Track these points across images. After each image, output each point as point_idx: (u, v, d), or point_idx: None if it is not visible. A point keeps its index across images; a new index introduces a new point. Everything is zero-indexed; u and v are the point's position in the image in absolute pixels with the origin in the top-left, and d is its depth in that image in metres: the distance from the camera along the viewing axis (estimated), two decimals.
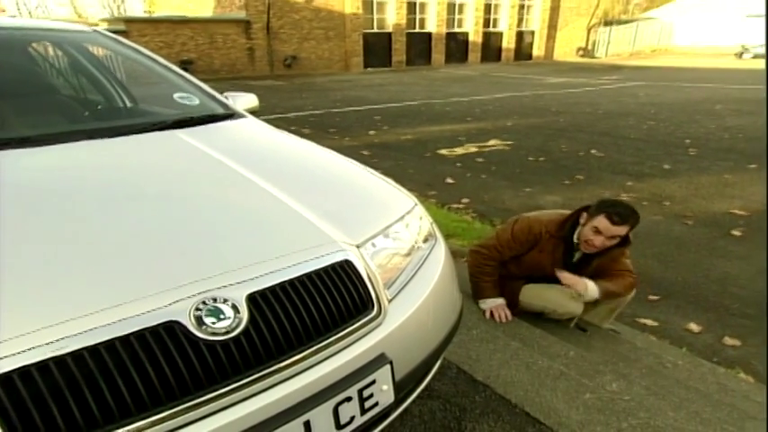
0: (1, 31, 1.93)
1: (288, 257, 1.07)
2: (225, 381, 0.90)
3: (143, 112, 2.00)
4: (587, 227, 2.24)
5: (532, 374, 1.93)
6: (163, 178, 1.36)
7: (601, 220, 2.18)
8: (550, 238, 2.35)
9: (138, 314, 0.87)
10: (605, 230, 2.17)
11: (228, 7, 19.90)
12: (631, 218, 2.18)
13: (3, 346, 0.78)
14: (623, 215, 2.17)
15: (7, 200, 1.14)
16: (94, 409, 0.80)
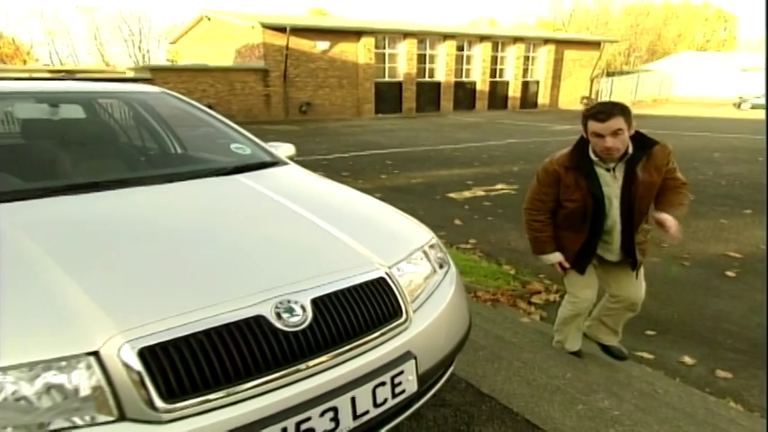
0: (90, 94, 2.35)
1: (339, 273, 1.41)
2: (296, 361, 1.23)
3: (208, 160, 2.38)
4: (591, 140, 2.29)
5: (532, 389, 2.20)
6: (236, 212, 1.73)
7: (591, 125, 2.23)
8: (567, 171, 2.38)
9: (236, 309, 1.22)
10: (602, 130, 2.20)
11: (248, 57, 20.89)
12: (615, 108, 2.22)
13: (151, 327, 1.12)
14: (606, 110, 2.20)
15: (125, 230, 1.50)
16: (208, 373, 1.13)
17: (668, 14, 47.49)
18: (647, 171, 2.33)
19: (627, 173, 2.35)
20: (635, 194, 2.35)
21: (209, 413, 1.11)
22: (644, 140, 2.35)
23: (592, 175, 2.37)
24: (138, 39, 39.76)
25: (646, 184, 2.34)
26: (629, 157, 2.32)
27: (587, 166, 2.37)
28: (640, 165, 2.32)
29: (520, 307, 3.44)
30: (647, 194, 2.37)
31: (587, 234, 2.48)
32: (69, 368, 1.08)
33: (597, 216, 2.42)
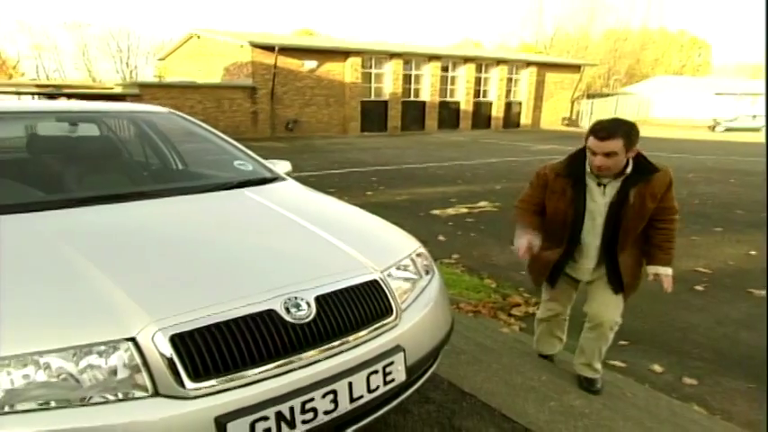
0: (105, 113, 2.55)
1: (338, 275, 1.61)
2: (302, 349, 1.42)
3: (216, 175, 2.58)
4: (587, 153, 2.28)
5: (509, 388, 2.41)
6: (245, 222, 1.93)
7: (590, 140, 2.21)
8: (556, 177, 2.39)
9: (251, 303, 1.41)
10: (596, 148, 2.18)
11: (236, 75, 21.13)
12: (620, 130, 2.16)
13: (180, 317, 1.31)
14: (608, 128, 2.17)
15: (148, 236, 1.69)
16: (228, 357, 1.32)
17: (645, 40, 49.03)
18: (642, 196, 2.28)
19: (619, 193, 2.31)
20: (623, 217, 2.31)
21: (228, 392, 1.30)
22: (645, 165, 2.29)
23: (579, 186, 2.37)
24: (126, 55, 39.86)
25: (636, 209, 2.29)
26: (624, 177, 2.29)
27: (579, 176, 2.36)
28: (636, 188, 2.27)
29: (500, 318, 3.60)
30: (636, 218, 2.31)
31: (565, 246, 2.48)
32: (110, 351, 1.26)
33: (575, 230, 2.42)
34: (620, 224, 2.34)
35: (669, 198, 2.34)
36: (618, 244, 2.38)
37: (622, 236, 2.36)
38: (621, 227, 2.34)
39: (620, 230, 2.35)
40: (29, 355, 1.21)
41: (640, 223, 2.35)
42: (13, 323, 1.27)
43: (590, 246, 2.45)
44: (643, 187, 2.28)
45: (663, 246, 2.37)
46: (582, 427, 2.14)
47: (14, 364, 1.20)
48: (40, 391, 1.21)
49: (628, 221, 2.32)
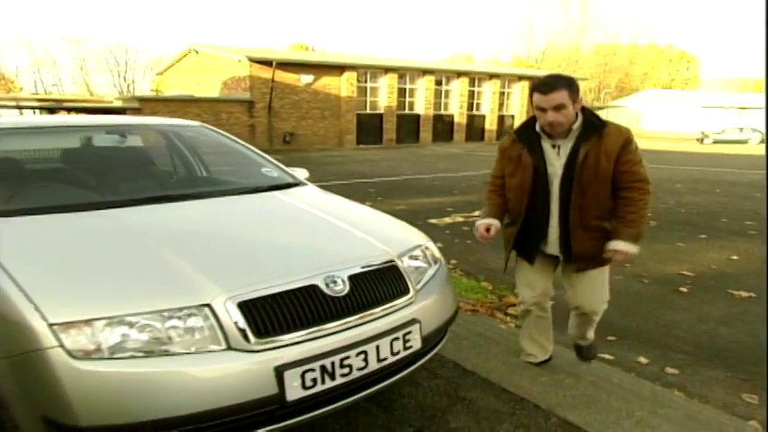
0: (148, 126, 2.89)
1: (363, 259, 1.96)
2: (339, 317, 1.75)
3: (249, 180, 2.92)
4: (535, 114, 2.26)
5: (506, 367, 2.73)
6: (280, 216, 2.28)
7: (535, 97, 2.19)
8: (513, 144, 2.39)
9: (298, 279, 1.74)
10: (544, 103, 2.15)
11: (234, 89, 21.52)
12: (561, 81, 2.17)
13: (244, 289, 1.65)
14: (549, 82, 2.16)
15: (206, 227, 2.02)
16: (282, 321, 1.64)
17: (634, 54, 50.09)
18: (596, 155, 2.21)
19: (572, 151, 2.26)
20: (577, 177, 2.24)
21: (283, 348, 1.62)
22: (593, 121, 2.26)
23: (535, 150, 2.32)
24: (124, 69, 40.29)
25: (591, 168, 2.22)
26: (576, 134, 2.25)
27: (532, 139, 2.32)
28: (587, 145, 2.22)
29: (497, 317, 3.88)
30: (593, 180, 2.24)
31: (524, 215, 2.42)
32: (190, 315, 1.58)
33: (535, 195, 2.36)
34: (573, 187, 2.26)
35: (629, 161, 2.24)
36: (571, 207, 2.30)
37: (578, 198, 2.27)
38: (575, 188, 2.26)
39: (574, 192, 2.26)
40: (127, 316, 1.54)
41: (599, 186, 2.26)
42: (115, 293, 1.60)
43: (553, 213, 2.38)
44: (596, 144, 2.22)
45: (625, 217, 2.26)
46: (570, 396, 2.46)
47: (117, 323, 1.52)
48: (136, 344, 1.53)
49: (583, 183, 2.24)
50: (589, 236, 2.34)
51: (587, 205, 2.29)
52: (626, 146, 2.24)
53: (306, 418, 1.70)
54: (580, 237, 2.34)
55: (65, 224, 2.07)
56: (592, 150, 2.22)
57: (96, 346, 1.49)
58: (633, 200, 2.26)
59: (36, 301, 1.53)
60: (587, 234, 2.34)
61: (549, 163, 2.33)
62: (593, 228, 2.33)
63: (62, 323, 1.49)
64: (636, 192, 2.27)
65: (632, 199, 2.26)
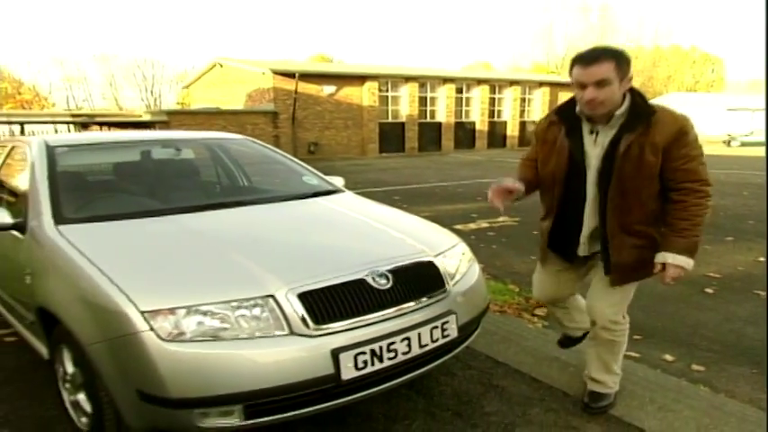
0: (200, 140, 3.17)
1: (405, 257, 2.17)
2: (384, 308, 1.97)
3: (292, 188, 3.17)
4: (575, 92, 1.96)
5: (536, 359, 2.90)
6: (326, 219, 2.52)
7: (575, 71, 1.90)
8: (550, 126, 2.13)
9: (348, 274, 1.96)
10: (584, 77, 1.86)
11: (258, 100, 22.05)
12: (607, 52, 1.87)
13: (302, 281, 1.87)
14: (593, 52, 1.87)
15: (261, 229, 2.26)
16: (335, 310, 1.86)
17: (657, 57, 49.52)
18: (640, 146, 1.89)
19: (613, 141, 1.94)
20: (616, 172, 1.93)
21: (338, 333, 1.85)
22: (643, 106, 1.92)
23: (573, 134, 2.03)
24: (151, 83, 41.50)
25: (633, 162, 1.90)
26: (621, 122, 1.93)
27: (572, 122, 2.03)
28: (632, 135, 1.90)
29: (524, 317, 4.01)
30: (636, 177, 1.92)
31: (557, 209, 2.16)
32: (256, 304, 1.81)
33: (570, 185, 2.08)
34: (610, 182, 1.95)
35: (684, 157, 1.89)
36: (609, 208, 1.98)
37: (617, 198, 1.95)
38: (614, 185, 1.94)
39: (612, 190, 1.95)
40: (202, 305, 1.77)
41: (642, 184, 1.93)
42: (191, 286, 1.85)
43: (587, 212, 2.09)
44: (642, 134, 1.89)
45: (675, 225, 1.93)
46: None
47: (194, 312, 1.76)
48: (211, 329, 1.76)
49: (624, 179, 1.92)
50: (631, 243, 2.01)
51: (628, 207, 1.97)
52: (680, 137, 1.88)
53: (357, 397, 1.91)
54: (620, 243, 2.01)
55: (137, 228, 2.34)
56: (636, 142, 1.89)
57: (179, 331, 1.73)
58: (687, 204, 1.91)
59: (128, 292, 1.78)
60: (629, 241, 2.01)
61: (586, 152, 2.02)
62: (635, 234, 2.00)
63: (151, 311, 1.74)
64: (691, 195, 1.91)
65: (686, 203, 1.91)
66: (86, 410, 2.06)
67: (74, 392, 2.15)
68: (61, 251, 2.10)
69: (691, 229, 1.92)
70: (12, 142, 3.25)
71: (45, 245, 2.24)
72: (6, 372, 2.90)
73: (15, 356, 3.08)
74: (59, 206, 2.39)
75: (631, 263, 2.05)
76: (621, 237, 2.02)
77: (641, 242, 2.02)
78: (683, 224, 1.92)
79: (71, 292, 1.95)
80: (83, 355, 1.90)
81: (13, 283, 2.52)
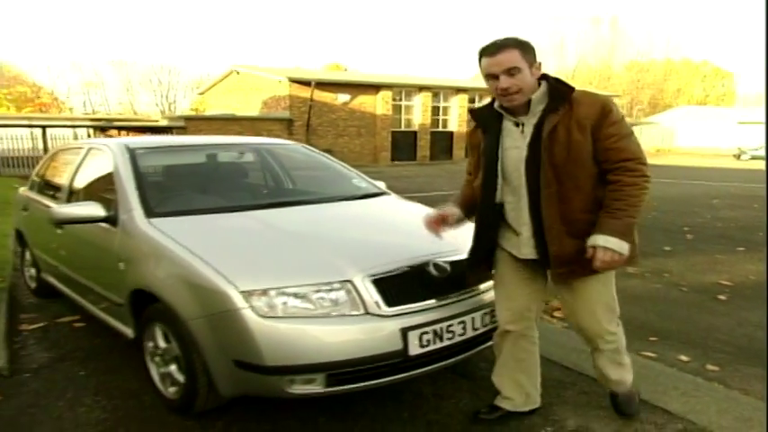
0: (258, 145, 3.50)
1: (459, 251, 2.42)
2: (444, 293, 2.25)
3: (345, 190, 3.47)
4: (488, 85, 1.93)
5: (564, 350, 3.17)
6: (382, 216, 2.81)
7: (483, 63, 1.87)
8: (473, 131, 2.12)
9: (414, 262, 2.25)
10: (493, 67, 1.83)
11: (274, 107, 22.48)
12: (509, 40, 1.86)
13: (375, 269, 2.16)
14: (496, 42, 1.86)
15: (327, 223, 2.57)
16: (403, 295, 2.15)
17: (668, 71, 49.73)
18: (566, 126, 1.83)
19: (537, 125, 1.89)
20: (547, 158, 1.86)
21: (407, 315, 2.13)
22: (560, 88, 1.89)
23: (491, 131, 2.00)
24: (166, 89, 42.20)
25: (563, 144, 1.83)
26: (543, 106, 1.89)
27: (491, 119, 2.00)
28: (555, 116, 1.85)
29: (544, 319, 4.29)
30: (568, 159, 1.85)
31: (479, 211, 2.11)
32: (335, 288, 2.10)
33: (489, 185, 2.03)
34: (543, 167, 1.87)
35: (614, 135, 1.84)
36: (544, 196, 1.89)
37: (553, 184, 1.87)
38: (546, 172, 1.87)
39: (545, 177, 1.88)
40: (289, 287, 2.06)
41: (576, 167, 1.86)
42: (279, 271, 2.15)
43: (523, 207, 2.00)
44: (565, 114, 1.85)
45: (609, 206, 1.85)
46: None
47: (282, 293, 2.05)
48: (297, 308, 2.05)
49: (556, 164, 1.85)
50: (574, 233, 1.91)
51: (567, 194, 1.89)
52: (606, 115, 1.84)
53: (421, 372, 2.20)
54: (559, 234, 1.91)
55: (217, 222, 2.65)
56: (561, 123, 1.85)
57: (271, 308, 2.02)
58: (622, 183, 1.85)
59: (227, 275, 2.08)
60: (571, 231, 1.91)
61: (515, 145, 1.96)
62: (579, 223, 1.91)
63: (248, 291, 2.03)
64: (624, 174, 1.85)
65: (621, 182, 1.85)
66: (178, 380, 2.35)
67: (164, 365, 2.45)
68: (157, 241, 2.41)
69: (625, 209, 1.83)
70: (87, 145, 3.57)
71: (138, 235, 2.54)
72: (84, 351, 3.20)
73: (88, 339, 3.39)
74: (147, 202, 2.70)
75: (575, 255, 1.92)
76: (561, 227, 1.91)
77: (586, 231, 1.89)
78: (616, 204, 1.84)
79: (173, 275, 2.25)
80: (182, 329, 2.19)
81: (103, 270, 2.82)
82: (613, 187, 1.87)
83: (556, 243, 1.93)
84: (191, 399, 2.28)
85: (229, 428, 2.34)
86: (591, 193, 1.91)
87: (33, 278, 4.28)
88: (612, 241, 1.83)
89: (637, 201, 1.85)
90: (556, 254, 1.94)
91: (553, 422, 2.40)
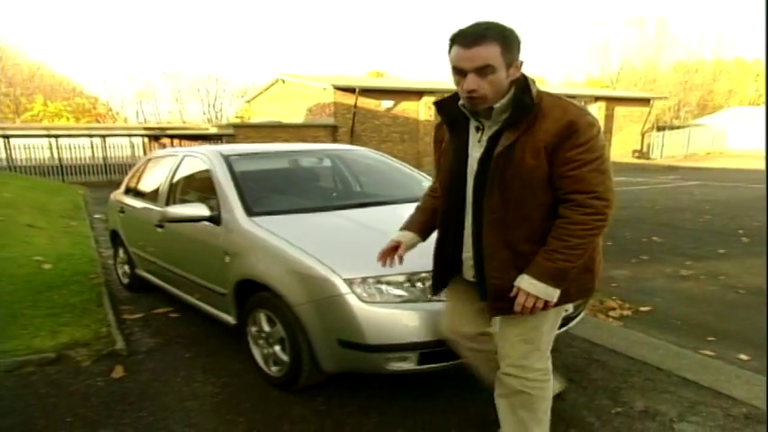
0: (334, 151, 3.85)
1: None
2: None
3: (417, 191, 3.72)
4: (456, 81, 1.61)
5: (627, 342, 3.35)
6: None
7: (454, 51, 1.56)
8: (439, 126, 1.84)
9: None
10: (464, 61, 1.53)
11: (319, 114, 23.08)
12: (492, 30, 1.52)
13: None
14: (476, 30, 1.53)
15: None
16: None
17: (718, 71, 48.04)
18: (523, 145, 1.57)
19: (492, 137, 1.63)
20: (495, 178, 1.61)
21: None
22: (523, 97, 1.58)
23: (459, 131, 1.72)
24: (213, 98, 43.76)
25: (516, 165, 1.58)
26: (506, 116, 1.61)
27: (455, 117, 1.72)
28: (514, 132, 1.58)
29: (599, 317, 4.45)
30: (518, 183, 1.60)
31: (440, 223, 1.87)
32: (423, 277, 2.35)
33: (452, 195, 1.76)
34: (488, 188, 1.63)
35: (572, 161, 1.53)
36: (487, 221, 1.66)
37: (498, 209, 1.64)
38: (494, 194, 1.63)
39: (490, 198, 1.64)
40: (384, 276, 2.34)
41: (525, 193, 1.61)
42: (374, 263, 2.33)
43: (467, 226, 1.78)
44: (525, 132, 1.57)
45: (548, 243, 1.60)
46: (686, 363, 3.05)
47: (380, 281, 2.34)
48: (392, 295, 2.33)
49: (505, 187, 1.61)
50: (517, 265, 1.67)
51: (513, 221, 1.65)
52: (570, 135, 1.53)
53: None
54: (501, 265, 1.68)
55: (309, 220, 2.98)
56: (520, 141, 1.58)
57: (370, 294, 2.31)
58: (568, 220, 1.58)
59: (330, 265, 2.39)
60: (518, 264, 1.67)
61: (470, 154, 1.71)
62: (522, 254, 1.66)
63: (350, 278, 2.33)
64: (574, 209, 1.57)
65: (568, 219, 1.58)
66: (282, 360, 2.67)
67: (267, 347, 2.77)
68: (262, 237, 2.75)
69: (562, 252, 1.57)
70: (181, 153, 3.97)
71: (243, 232, 2.89)
72: (185, 338, 3.59)
73: (185, 327, 3.78)
74: (247, 203, 3.04)
75: (506, 283, 1.69)
76: (503, 256, 1.68)
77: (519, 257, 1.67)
78: (555, 244, 1.58)
79: (279, 266, 2.57)
80: (288, 314, 2.50)
81: (207, 264, 3.18)
82: (559, 222, 1.60)
83: (497, 275, 1.70)
84: (294, 376, 2.60)
85: (329, 402, 2.65)
86: (541, 225, 1.65)
87: (126, 274, 4.74)
88: (539, 287, 1.61)
89: (580, 243, 1.57)
90: (496, 286, 1.71)
91: (622, 404, 2.61)
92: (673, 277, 5.13)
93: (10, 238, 6.16)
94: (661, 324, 3.79)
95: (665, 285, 4.85)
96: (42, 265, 5.06)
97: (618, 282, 4.91)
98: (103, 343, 3.30)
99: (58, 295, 4.16)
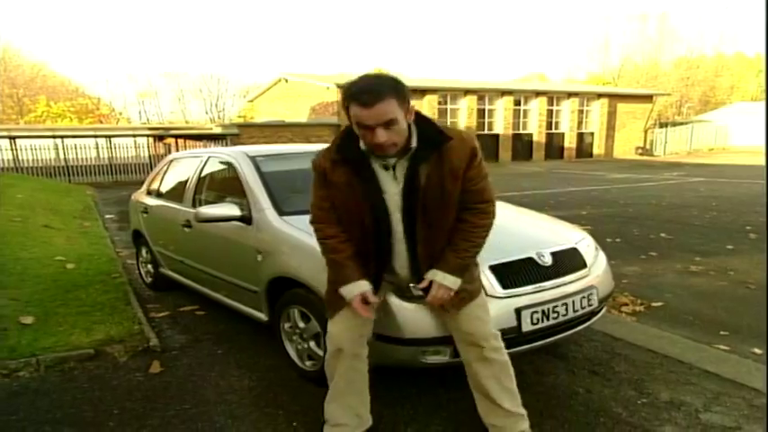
0: None
1: (558, 243, 2.78)
2: (548, 279, 2.58)
3: None
4: (356, 130, 1.77)
5: (647, 336, 3.44)
6: None
7: (354, 110, 1.70)
8: (334, 166, 1.89)
9: (522, 255, 2.59)
10: (368, 119, 1.67)
11: (322, 113, 23.15)
12: (385, 86, 1.68)
13: (493, 259, 2.50)
14: (372, 89, 1.66)
15: None
16: (516, 279, 2.49)
17: (720, 66, 48.04)
18: (439, 176, 1.83)
19: (409, 173, 1.82)
20: (422, 207, 1.85)
21: (518, 296, 2.48)
22: (433, 133, 1.83)
23: (366, 173, 1.85)
24: (216, 98, 43.85)
25: (436, 191, 1.83)
26: (413, 152, 1.82)
27: (360, 159, 1.84)
28: (428, 165, 1.81)
29: (612, 313, 4.53)
30: (440, 206, 1.87)
31: (374, 262, 1.98)
32: None
33: (380, 233, 1.92)
34: (416, 217, 1.87)
35: (476, 178, 1.88)
36: (419, 239, 1.92)
37: (424, 230, 1.90)
38: (420, 220, 1.88)
39: (419, 224, 1.89)
40: None
41: (445, 213, 1.90)
42: None
43: (399, 252, 1.99)
44: (437, 163, 1.82)
45: (458, 245, 1.93)
46: (706, 356, 3.15)
47: None
48: None
49: (429, 212, 1.86)
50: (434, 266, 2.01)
51: (435, 237, 1.95)
52: (473, 158, 1.87)
53: (532, 346, 2.54)
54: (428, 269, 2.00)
55: None
56: (434, 171, 1.83)
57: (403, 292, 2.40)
58: (473, 225, 1.93)
59: None
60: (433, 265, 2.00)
61: (385, 190, 1.88)
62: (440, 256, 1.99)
63: None
64: (478, 216, 1.94)
65: (473, 224, 1.93)
66: (317, 354, 2.76)
67: (302, 342, 2.86)
68: (295, 236, 2.83)
69: (469, 250, 1.94)
70: (206, 154, 4.06)
71: (275, 231, 2.97)
72: (214, 335, 3.68)
73: (213, 325, 3.88)
74: (276, 202, 3.12)
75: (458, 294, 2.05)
76: (431, 262, 1.98)
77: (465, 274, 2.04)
78: (464, 244, 1.93)
79: (314, 263, 2.63)
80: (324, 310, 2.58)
81: (238, 262, 3.27)
82: (464, 227, 1.94)
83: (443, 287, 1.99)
84: None
85: None
86: (451, 231, 1.97)
87: (150, 273, 4.83)
88: (450, 279, 1.94)
89: (482, 242, 1.99)
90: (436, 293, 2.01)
91: (647, 395, 2.70)
92: (683, 273, 5.20)
93: (30, 239, 6.26)
94: (674, 319, 3.86)
95: (676, 281, 4.92)
96: (66, 265, 5.16)
97: (629, 278, 4.98)
98: (137, 340, 3.39)
99: (86, 294, 4.26)
